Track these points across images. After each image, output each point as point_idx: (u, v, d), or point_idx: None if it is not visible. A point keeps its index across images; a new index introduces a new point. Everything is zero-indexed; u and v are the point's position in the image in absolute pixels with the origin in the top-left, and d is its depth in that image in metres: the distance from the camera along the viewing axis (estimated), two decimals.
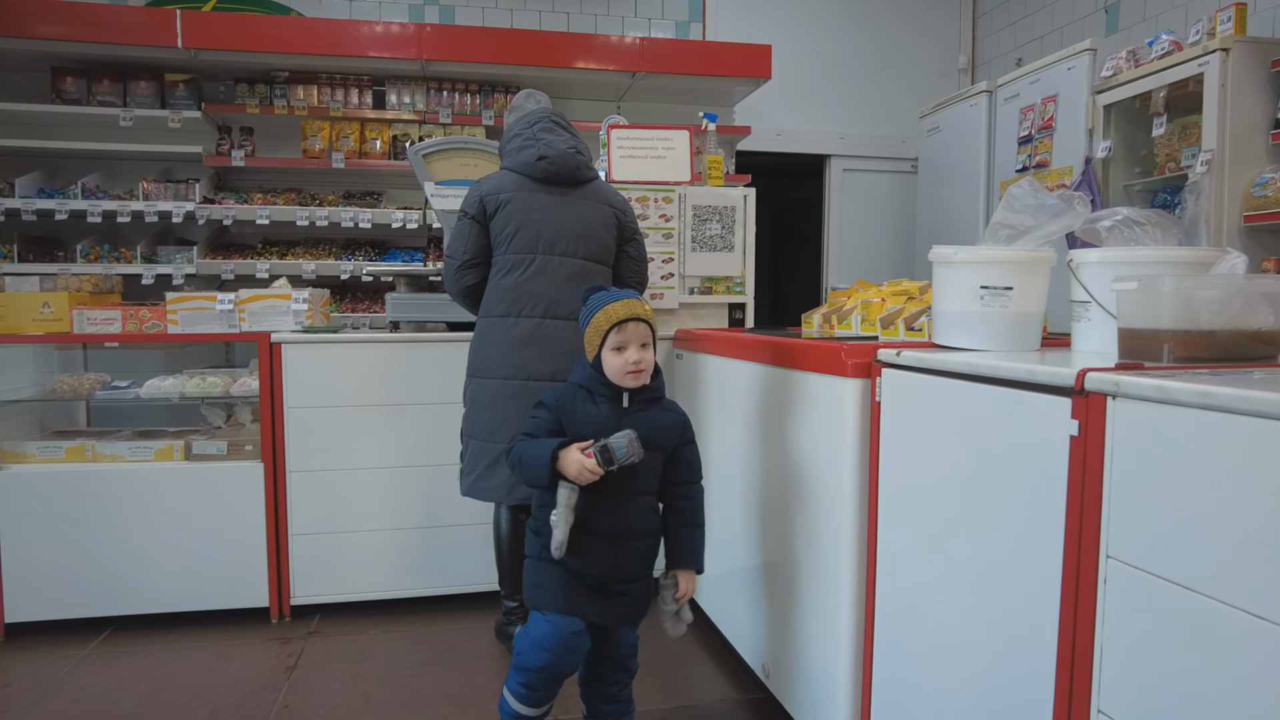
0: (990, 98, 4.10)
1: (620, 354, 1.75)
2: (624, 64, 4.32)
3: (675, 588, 1.84)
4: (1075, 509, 1.21)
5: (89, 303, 2.85)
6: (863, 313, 2.09)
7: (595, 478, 1.69)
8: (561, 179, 2.40)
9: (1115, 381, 1.14)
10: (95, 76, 4.10)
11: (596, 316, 1.78)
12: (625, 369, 1.75)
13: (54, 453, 2.75)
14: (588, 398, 1.81)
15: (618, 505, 1.78)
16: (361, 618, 2.85)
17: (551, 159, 2.37)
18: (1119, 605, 1.14)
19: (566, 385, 1.85)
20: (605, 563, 1.79)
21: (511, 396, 2.35)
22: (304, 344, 2.78)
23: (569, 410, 1.80)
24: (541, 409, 1.83)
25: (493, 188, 2.40)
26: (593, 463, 1.67)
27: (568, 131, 2.45)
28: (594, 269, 2.42)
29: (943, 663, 1.53)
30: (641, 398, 1.81)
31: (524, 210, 2.37)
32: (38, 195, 3.97)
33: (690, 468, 1.89)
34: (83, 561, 2.69)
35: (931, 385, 1.56)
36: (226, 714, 2.21)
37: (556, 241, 2.37)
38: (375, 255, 4.41)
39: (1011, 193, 1.69)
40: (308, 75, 4.28)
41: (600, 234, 2.44)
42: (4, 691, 2.35)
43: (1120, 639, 1.14)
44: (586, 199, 2.44)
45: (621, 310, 1.76)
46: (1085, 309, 1.58)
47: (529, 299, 2.36)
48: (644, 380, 1.79)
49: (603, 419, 1.77)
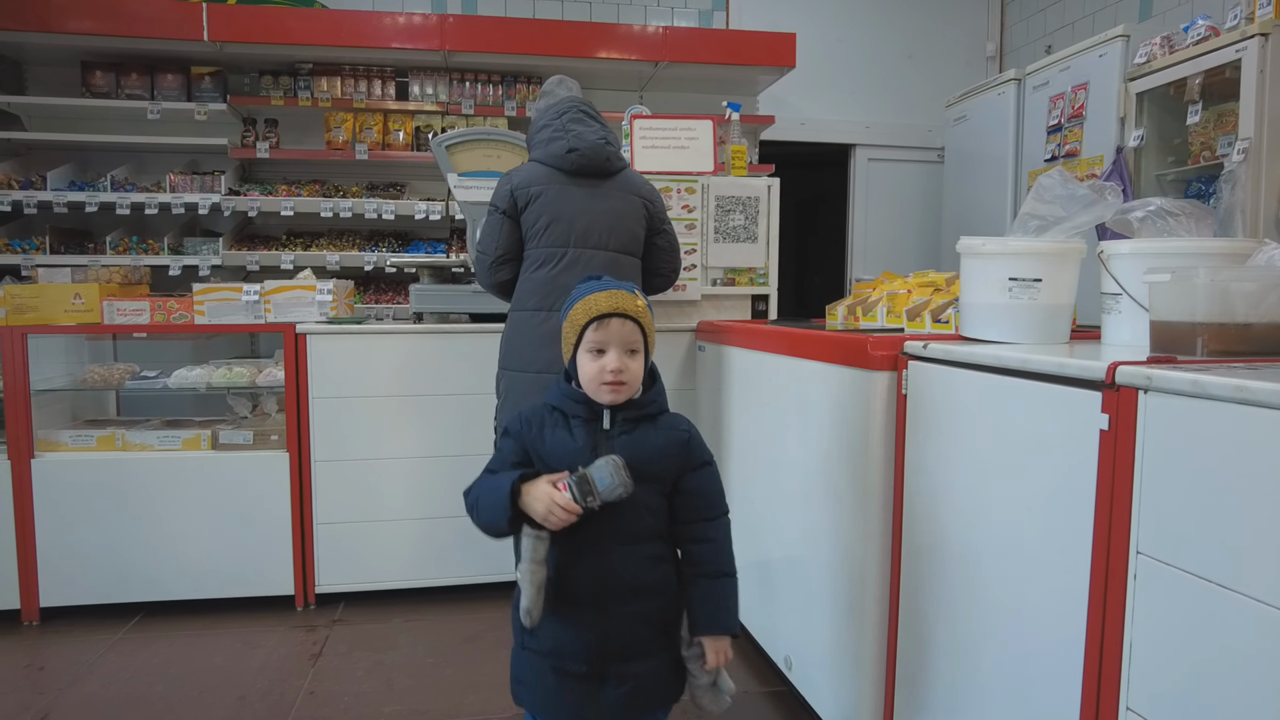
0: (1019, 86, 4.03)
1: (597, 358, 1.37)
2: (647, 53, 4.29)
3: (703, 658, 1.43)
4: (1105, 504, 1.19)
5: (118, 294, 2.89)
6: (888, 305, 2.07)
7: (570, 519, 1.30)
8: (592, 171, 2.38)
9: (1147, 375, 1.12)
10: (124, 70, 4.15)
11: (574, 308, 1.41)
12: (602, 379, 1.36)
13: (85, 441, 2.80)
14: (559, 420, 1.42)
15: (603, 557, 1.38)
16: (385, 606, 2.88)
17: (582, 151, 2.35)
18: (1149, 602, 1.13)
19: (534, 408, 1.47)
20: (593, 636, 1.38)
21: (544, 390, 2.35)
22: (329, 335, 2.80)
23: (534, 437, 1.41)
24: (505, 438, 1.46)
25: (523, 181, 2.37)
26: (565, 497, 1.29)
27: (597, 122, 2.43)
28: (626, 261, 2.41)
29: (968, 658, 1.52)
30: (628, 416, 1.40)
31: (555, 203, 2.35)
32: (69, 188, 4.03)
33: (704, 500, 1.45)
34: (113, 548, 2.74)
35: (959, 378, 1.54)
36: (254, 699, 2.25)
37: (588, 234, 2.35)
38: (399, 247, 4.43)
39: (1041, 183, 1.66)
40: (331, 67, 4.30)
41: (631, 225, 2.42)
42: (40, 674, 2.40)
43: (1150, 636, 1.12)
44: (617, 190, 2.41)
45: (604, 302, 1.38)
46: (1116, 301, 1.55)
47: (561, 293, 2.32)
48: (626, 395, 1.39)
49: (577, 448, 1.38)
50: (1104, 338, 1.60)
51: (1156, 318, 1.36)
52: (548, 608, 1.36)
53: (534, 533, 1.34)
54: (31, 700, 2.24)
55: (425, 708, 2.21)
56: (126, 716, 2.16)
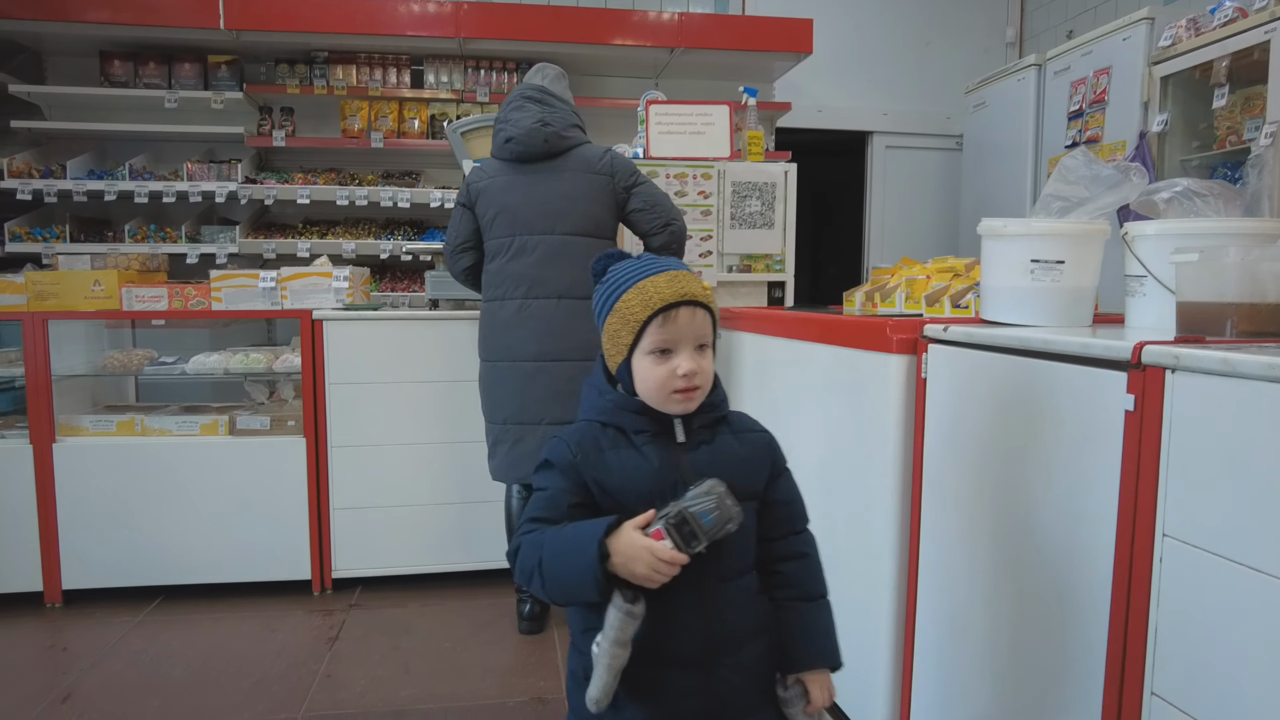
0: (1039, 72, 3.98)
1: (665, 361, 1.10)
2: (662, 40, 4.27)
3: (805, 699, 1.19)
4: (1130, 486, 1.18)
5: (137, 281, 2.91)
6: (907, 290, 2.05)
7: (673, 573, 1.02)
8: (533, 156, 2.38)
9: (1175, 355, 1.10)
10: (142, 59, 4.17)
11: (626, 298, 1.13)
12: (672, 386, 1.10)
13: (106, 426, 2.82)
14: (617, 438, 1.14)
15: (707, 603, 1.11)
16: (402, 591, 2.89)
17: (517, 138, 2.37)
18: (1176, 585, 1.11)
19: (580, 427, 1.18)
20: (698, 702, 1.12)
21: (501, 379, 2.43)
22: (345, 321, 2.81)
23: (594, 464, 1.12)
24: (549, 472, 1.14)
25: (476, 175, 2.46)
26: (668, 548, 1.02)
27: (537, 104, 2.40)
28: (580, 243, 2.39)
29: (988, 647, 1.50)
30: (702, 423, 1.16)
31: (501, 194, 2.40)
32: (88, 177, 4.06)
33: (793, 510, 1.23)
34: (134, 532, 2.77)
35: (980, 361, 1.52)
36: (272, 682, 2.26)
37: (535, 221, 2.37)
38: (414, 234, 4.44)
39: (1065, 164, 1.63)
40: (347, 55, 4.30)
41: (585, 205, 2.39)
42: (63, 655, 2.43)
43: (1177, 620, 1.11)
44: (568, 170, 2.39)
45: (667, 288, 1.11)
46: (1140, 283, 1.53)
47: (510, 281, 2.40)
48: (700, 401, 1.14)
49: (652, 470, 1.11)
50: (1127, 321, 1.57)
51: (1183, 299, 1.34)
52: (639, 680, 1.08)
53: (628, 606, 1.03)
54: (55, 680, 2.27)
55: (442, 692, 2.22)
56: (148, 697, 2.18)
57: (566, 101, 2.48)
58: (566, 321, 2.37)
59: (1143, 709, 1.16)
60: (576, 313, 2.37)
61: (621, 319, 1.13)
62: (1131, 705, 1.17)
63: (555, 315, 2.36)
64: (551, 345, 2.36)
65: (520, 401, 2.40)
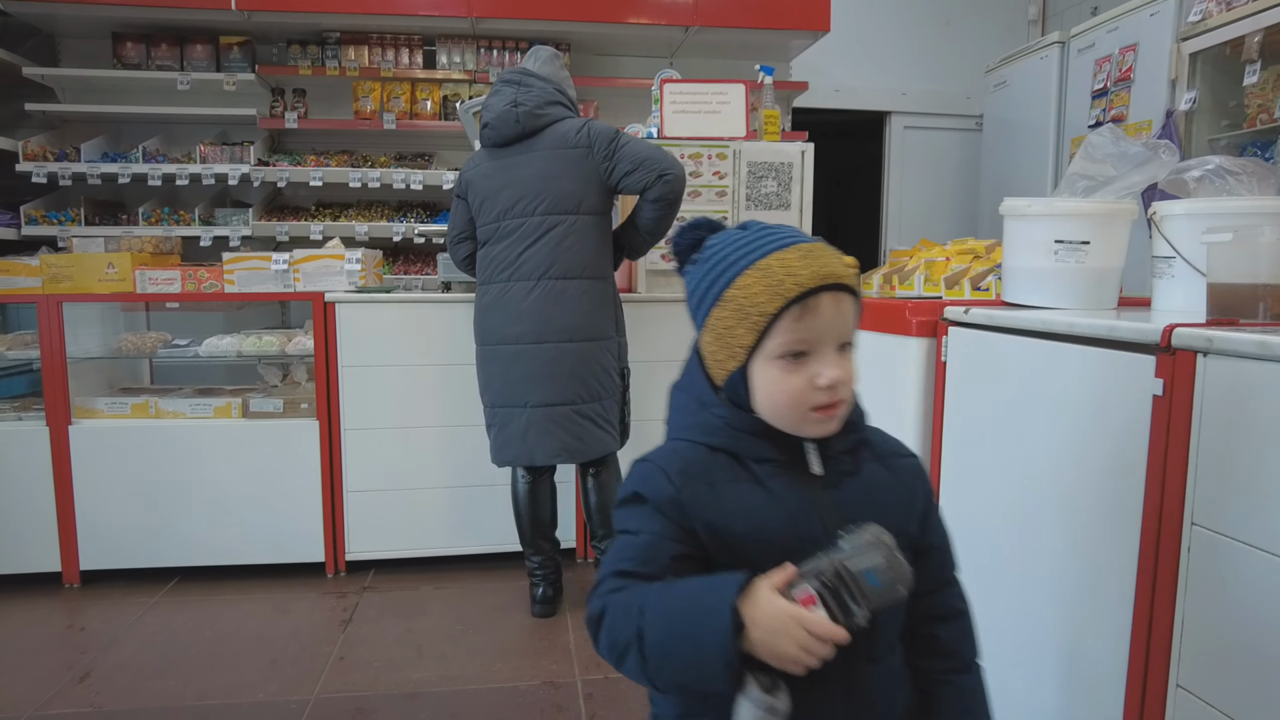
0: (1062, 49, 3.89)
1: (799, 368, 0.83)
2: (677, 18, 4.20)
3: None
4: (1157, 473, 1.14)
5: (150, 263, 2.91)
6: (926, 272, 2.01)
7: (827, 654, 0.76)
8: (507, 139, 2.38)
9: (1208, 337, 1.06)
10: (154, 41, 4.16)
11: (743, 284, 0.84)
12: (812, 401, 0.83)
13: (120, 408, 2.83)
14: (731, 468, 0.86)
15: (854, 693, 0.85)
16: (414, 574, 2.90)
17: (491, 124, 2.38)
18: (1204, 575, 1.08)
19: (679, 451, 0.87)
20: None
21: (487, 361, 2.46)
22: (358, 304, 2.80)
23: (702, 501, 0.84)
24: (640, 509, 0.85)
25: (467, 166, 2.50)
26: (823, 620, 0.75)
27: (512, 85, 2.39)
28: (558, 222, 2.36)
29: (1008, 636, 1.48)
30: (843, 448, 0.89)
31: (483, 182, 2.42)
32: (102, 159, 4.06)
33: (946, 554, 0.97)
34: (149, 513, 2.78)
35: (1001, 344, 1.48)
36: (286, 663, 2.27)
37: (514, 204, 2.38)
38: (427, 217, 4.41)
39: (1091, 141, 1.59)
40: (359, 36, 4.26)
41: (562, 183, 2.36)
42: (81, 634, 2.45)
43: (1204, 611, 1.08)
44: (544, 149, 2.38)
45: (802, 268, 0.82)
46: (1168, 265, 1.48)
47: (495, 266, 2.42)
48: (844, 418, 0.87)
49: (786, 513, 0.84)
50: (1154, 303, 1.53)
51: (1215, 280, 1.29)
52: None
53: (769, 700, 0.77)
54: (73, 660, 2.29)
55: (454, 674, 2.22)
56: (164, 677, 2.20)
57: (549, 80, 2.44)
58: (547, 302, 2.36)
59: (1167, 701, 1.13)
60: (560, 293, 2.37)
61: (738, 312, 0.83)
62: (1155, 697, 1.14)
63: (533, 297, 2.36)
64: (530, 327, 2.36)
65: (502, 384, 2.42)
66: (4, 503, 2.72)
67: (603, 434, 2.44)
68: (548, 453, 2.39)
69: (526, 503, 2.52)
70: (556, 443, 2.38)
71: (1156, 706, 1.14)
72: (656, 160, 2.31)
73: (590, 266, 2.39)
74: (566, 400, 2.38)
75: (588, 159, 2.35)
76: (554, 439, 2.38)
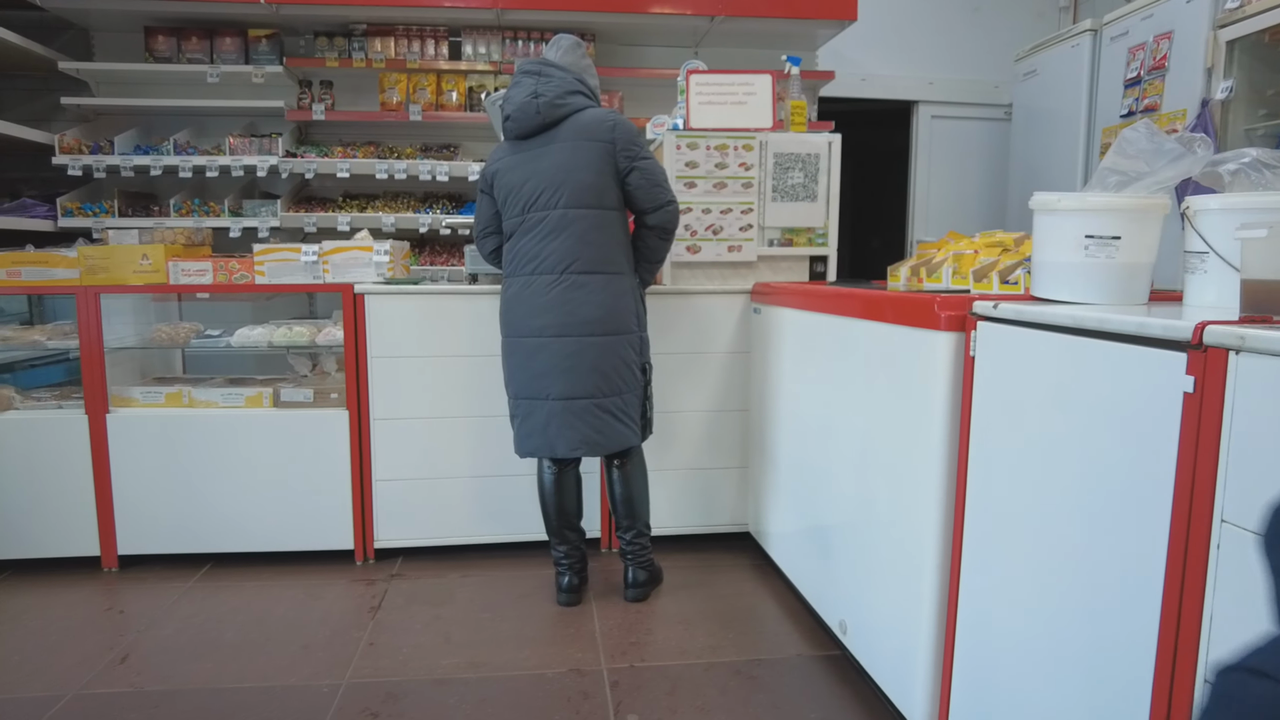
0: (1095, 37, 3.83)
1: None
2: (702, 8, 4.18)
3: None
4: (1186, 470, 1.14)
5: (182, 255, 2.97)
6: (954, 265, 2.00)
7: None
8: (529, 130, 2.38)
9: (1240, 335, 1.06)
10: (185, 35, 4.21)
11: None
12: None
13: (155, 398, 2.90)
14: None
15: None
16: (442, 562, 2.94)
17: (513, 116, 2.39)
18: (1233, 573, 1.07)
19: None
20: None
21: (510, 353, 2.49)
22: (386, 295, 2.83)
23: None
24: None
25: (491, 159, 2.50)
26: None
27: (533, 76, 2.38)
28: (579, 216, 2.36)
29: (1031, 628, 1.48)
30: None
31: (508, 175, 2.43)
32: (134, 152, 4.13)
33: None
34: (183, 500, 2.84)
35: (1030, 339, 1.48)
36: (317, 648, 2.32)
37: (536, 197, 2.38)
38: (452, 208, 4.44)
39: (1125, 136, 1.57)
40: (385, 27, 4.29)
41: (583, 176, 2.35)
42: (120, 617, 2.52)
43: (1233, 608, 1.07)
44: (566, 140, 2.37)
45: None
46: (1201, 260, 1.47)
47: (520, 259, 2.43)
48: None
49: None
50: (1186, 299, 1.51)
51: (1249, 276, 1.28)
52: None
53: None
54: (114, 641, 2.36)
55: (482, 660, 2.25)
56: (201, 659, 2.25)
57: (569, 69, 2.42)
58: (568, 295, 2.38)
59: (1194, 696, 1.13)
60: (580, 287, 2.38)
61: None
62: (1183, 692, 1.14)
63: (557, 290, 2.37)
64: (551, 320, 2.38)
65: (525, 376, 2.44)
66: (46, 488, 2.80)
67: (623, 428, 2.46)
68: (568, 444, 2.41)
69: (552, 493, 2.56)
70: (577, 435, 2.41)
71: (1184, 700, 1.14)
72: (666, 187, 2.44)
73: (612, 261, 2.41)
74: (587, 394, 2.40)
75: (608, 154, 2.36)
76: (575, 431, 2.40)
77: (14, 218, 3.88)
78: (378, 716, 1.99)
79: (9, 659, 2.26)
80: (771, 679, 2.16)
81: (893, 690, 1.91)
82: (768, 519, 2.78)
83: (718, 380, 3.00)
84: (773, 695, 2.08)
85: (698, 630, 2.43)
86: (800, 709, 2.02)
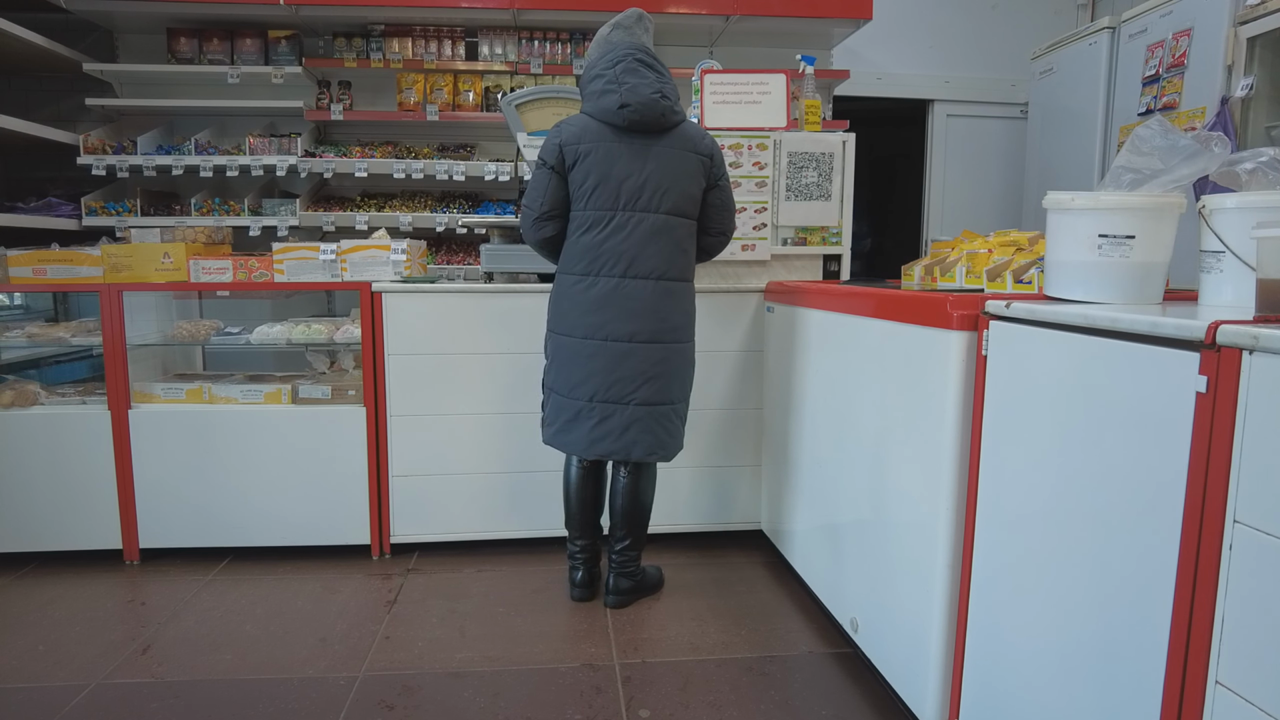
0: (1113, 35, 3.80)
1: None
2: (716, 6, 4.19)
3: None
4: (1199, 470, 1.14)
5: (203, 253, 3.01)
6: (968, 264, 2.00)
7: None
8: (645, 127, 2.28)
9: (1254, 335, 1.06)
10: (206, 36, 4.27)
11: None
12: None
13: (176, 394, 2.94)
14: None
15: None
16: (458, 557, 2.97)
17: (634, 106, 2.24)
18: (1246, 573, 1.07)
19: None
20: None
21: (591, 356, 2.36)
22: (404, 293, 2.86)
23: None
24: None
25: (572, 136, 2.29)
26: None
27: (654, 71, 2.30)
28: (678, 224, 2.36)
29: (1043, 627, 1.48)
30: None
31: (604, 163, 2.28)
32: (157, 152, 4.19)
33: None
34: (203, 494, 2.89)
35: (1043, 339, 1.48)
36: (334, 641, 2.35)
37: (638, 196, 2.29)
38: (469, 208, 4.48)
39: (1138, 134, 1.57)
40: (402, 28, 4.33)
41: (685, 184, 2.34)
42: (142, 609, 2.57)
43: (1246, 608, 1.07)
44: (672, 147, 2.31)
45: None
46: (1217, 260, 1.46)
47: (608, 258, 2.31)
48: None
49: None
50: (1201, 298, 1.51)
51: (1265, 275, 1.28)
52: None
53: None
54: (136, 632, 2.40)
55: (497, 655, 2.28)
56: (221, 650, 2.29)
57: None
58: (660, 302, 2.34)
59: (1205, 697, 1.13)
60: (669, 294, 2.36)
61: None
62: (1194, 693, 1.14)
63: (647, 295, 2.32)
64: (644, 326, 2.33)
65: (608, 380, 2.35)
66: (69, 482, 2.85)
67: (681, 435, 2.48)
68: (645, 449, 2.38)
69: (578, 489, 2.56)
70: (654, 439, 2.38)
71: (1195, 702, 1.14)
72: (732, 212, 2.49)
73: (690, 269, 2.43)
74: (669, 400, 2.40)
75: (706, 169, 2.38)
76: (652, 435, 2.38)
77: (40, 216, 3.95)
78: (394, 709, 2.01)
79: (34, 649, 2.31)
80: (783, 676, 2.17)
81: (903, 688, 1.92)
82: (781, 517, 2.79)
83: (731, 378, 3.01)
84: (784, 692, 2.09)
85: (710, 626, 2.44)
86: (811, 706, 2.03)
